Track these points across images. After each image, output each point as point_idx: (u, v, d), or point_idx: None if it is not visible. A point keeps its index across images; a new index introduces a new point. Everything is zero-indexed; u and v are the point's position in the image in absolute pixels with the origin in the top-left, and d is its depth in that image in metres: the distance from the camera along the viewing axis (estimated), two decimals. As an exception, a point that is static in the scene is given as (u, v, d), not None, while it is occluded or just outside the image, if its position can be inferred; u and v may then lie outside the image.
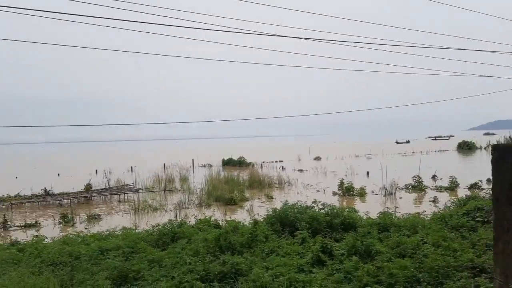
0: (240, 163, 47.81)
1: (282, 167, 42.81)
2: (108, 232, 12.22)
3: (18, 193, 25.11)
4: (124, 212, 20.99)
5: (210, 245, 9.93)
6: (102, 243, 10.38)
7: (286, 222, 12.03)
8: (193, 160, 50.04)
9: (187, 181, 32.18)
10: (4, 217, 17.84)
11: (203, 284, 7.60)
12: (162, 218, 18.00)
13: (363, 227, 11.33)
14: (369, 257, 9.03)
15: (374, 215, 13.57)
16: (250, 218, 12.54)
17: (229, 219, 14.84)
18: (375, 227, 11.53)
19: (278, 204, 17.92)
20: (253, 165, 46.26)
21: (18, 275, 7.55)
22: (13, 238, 12.50)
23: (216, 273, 8.06)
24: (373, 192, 23.76)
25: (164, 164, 46.90)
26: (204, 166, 48.68)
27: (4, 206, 22.35)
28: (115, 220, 18.44)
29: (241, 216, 17.62)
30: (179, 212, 19.59)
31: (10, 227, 17.39)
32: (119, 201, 25.00)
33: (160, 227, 12.00)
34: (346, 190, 23.28)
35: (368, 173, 33.38)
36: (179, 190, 27.70)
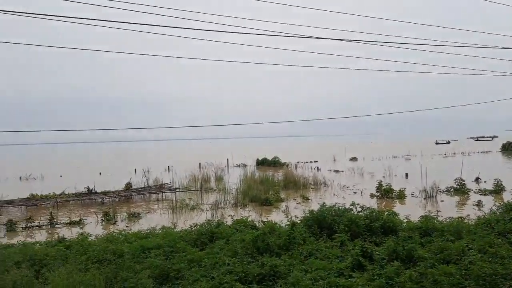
0: (275, 163, 47.77)
1: (317, 167, 42.43)
2: (148, 230, 12.55)
3: (63, 192, 26.23)
4: (162, 211, 21.49)
5: (247, 246, 9.98)
6: (143, 241, 10.67)
7: (323, 224, 11.91)
8: (227, 160, 50.50)
9: (222, 180, 32.51)
10: (51, 214, 18.71)
11: (242, 286, 7.65)
12: (199, 218, 18.29)
13: (403, 231, 11.07)
14: (411, 262, 8.81)
15: (415, 218, 13.22)
16: (287, 219, 12.52)
17: (265, 220, 14.89)
18: (417, 231, 11.23)
19: (314, 206, 17.78)
20: (287, 165, 46.11)
21: (67, 271, 7.88)
22: (60, 235, 13.07)
23: (255, 274, 8.10)
24: (412, 194, 23.11)
25: (199, 163, 47.62)
26: (239, 166, 49.01)
27: (50, 204, 23.41)
28: (154, 219, 18.92)
29: (277, 217, 17.61)
30: (215, 212, 19.82)
31: (56, 224, 18.19)
32: (158, 200, 25.60)
33: (198, 227, 12.18)
34: (385, 192, 22.75)
35: (407, 174, 32.49)
36: (215, 190, 28.03)
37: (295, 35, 12.55)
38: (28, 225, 17.85)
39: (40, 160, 76.87)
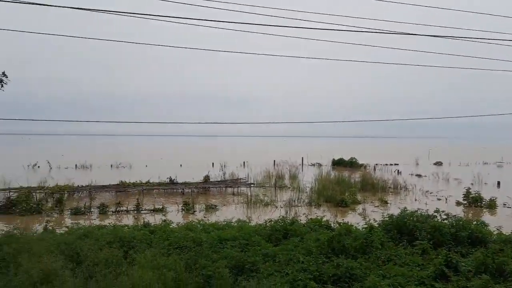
0: (351, 164, 46.50)
1: (398, 170, 40.51)
2: (225, 222, 12.95)
3: (148, 180, 28.05)
4: (237, 205, 22.05)
5: (322, 246, 9.88)
6: (220, 232, 11.05)
7: (403, 230, 11.37)
8: (302, 158, 50.26)
9: (297, 179, 32.43)
10: (138, 201, 20.18)
11: (316, 285, 7.60)
12: (273, 214, 18.48)
13: (494, 243, 10.18)
14: (501, 277, 8.06)
15: (507, 230, 12.08)
16: (364, 222, 12.14)
17: (341, 221, 14.59)
18: (509, 244, 10.24)
19: (393, 210, 17.04)
20: (365, 166, 44.67)
21: (151, 254, 8.45)
22: (146, 220, 14.01)
23: (330, 275, 7.99)
24: (505, 205, 21.11)
25: (274, 161, 48.00)
26: (313, 165, 48.56)
27: (136, 191, 25.21)
28: (230, 212, 19.50)
29: (353, 219, 17.16)
30: (289, 209, 19.86)
31: (142, 210, 19.56)
32: (233, 193, 26.31)
33: (273, 222, 12.31)
34: (473, 201, 21.05)
35: (499, 183, 29.74)
36: (289, 188, 28.07)
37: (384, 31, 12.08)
38: (117, 209, 19.42)
39: (129, 150, 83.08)
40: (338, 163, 48.61)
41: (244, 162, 47.94)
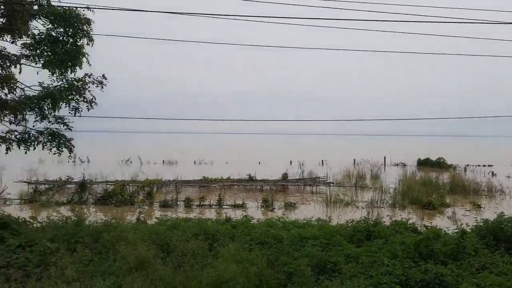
0: (439, 165, 43.58)
1: (492, 172, 37.12)
2: (305, 221, 12.92)
3: (229, 177, 29.00)
4: (316, 203, 21.87)
5: (408, 250, 9.42)
6: (300, 230, 11.04)
7: (500, 236, 10.42)
8: (385, 157, 48.22)
9: (379, 179, 31.22)
10: (219, 196, 20.98)
11: (402, 289, 7.29)
12: (354, 214, 18.02)
13: None
14: None
15: None
16: (455, 226, 11.34)
17: (428, 225, 13.78)
18: None
19: (487, 215, 15.65)
20: (454, 167, 41.61)
21: (235, 248, 8.73)
22: (227, 215, 14.52)
23: (417, 280, 7.60)
24: None
25: (354, 159, 46.74)
26: (397, 164, 46.40)
27: (218, 187, 26.19)
28: (309, 210, 19.41)
29: (442, 222, 16.13)
30: (371, 210, 19.21)
31: (223, 205, 20.29)
32: (312, 192, 26.14)
33: (354, 223, 12.03)
34: None
35: None
36: (370, 188, 27.15)
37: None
38: (201, 203, 20.38)
39: (213, 147, 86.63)
40: (424, 163, 45.89)
41: (322, 161, 47.32)
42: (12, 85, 12.23)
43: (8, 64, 12.37)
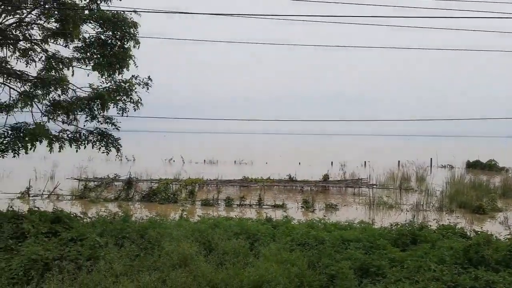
0: (490, 167, 41.45)
1: (549, 176, 34.81)
2: (347, 223, 12.69)
3: (269, 177, 29.03)
4: (358, 205, 21.43)
5: (457, 256, 9.01)
6: (342, 232, 10.84)
7: (558, 244, 9.72)
8: (431, 159, 46.49)
9: (425, 181, 30.13)
10: (259, 196, 21.06)
11: (450, 296, 6.99)
12: (398, 217, 17.52)
13: None
14: None
15: None
16: (508, 232, 10.73)
17: (478, 230, 13.13)
18: None
19: (545, 221, 14.70)
20: (507, 170, 39.42)
21: (276, 248, 8.73)
22: (268, 215, 14.52)
23: (467, 287, 7.26)
24: None
25: (398, 161, 45.40)
26: (444, 167, 44.58)
27: (258, 187, 26.30)
28: (350, 212, 19.05)
29: (493, 228, 15.27)
30: (416, 214, 18.57)
31: (263, 205, 20.35)
32: (354, 194, 25.65)
33: (399, 226, 11.66)
34: None
35: None
36: (416, 190, 26.27)
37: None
38: (241, 202, 20.55)
39: (251, 147, 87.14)
40: (473, 166, 43.81)
41: (365, 162, 46.32)
42: (64, 87, 12.87)
43: (61, 66, 13.08)
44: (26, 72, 12.91)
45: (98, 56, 13.09)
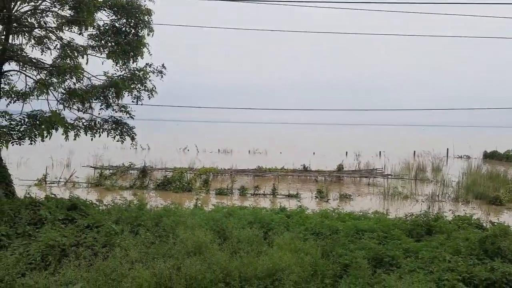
0: (508, 158, 40.68)
1: None
2: (361, 213, 12.61)
3: (283, 166, 29.00)
4: (373, 196, 21.28)
5: (472, 247, 8.87)
6: (356, 222, 10.78)
7: None
8: (447, 149, 45.81)
9: (441, 172, 29.73)
10: (273, 185, 21.07)
11: (466, 287, 6.91)
12: (413, 208, 17.36)
13: None
14: None
15: None
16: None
17: (495, 221, 12.92)
18: None
19: None
20: (526, 161, 38.65)
21: (289, 237, 8.73)
22: (281, 204, 14.52)
23: (482, 278, 7.16)
24: None
25: (414, 151, 44.87)
26: (461, 157, 43.92)
27: (272, 176, 26.31)
28: (365, 203, 18.95)
29: (510, 219, 15.09)
30: (432, 204, 18.37)
31: (277, 194, 20.36)
32: (368, 184, 25.48)
33: (414, 217, 11.53)
34: None
35: None
36: (431, 181, 25.94)
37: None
38: (255, 192, 20.60)
39: (265, 137, 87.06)
40: (490, 156, 43.08)
41: (380, 152, 45.92)
42: (79, 75, 13.00)
43: (76, 54, 13.16)
44: (41, 60, 13.05)
45: (113, 44, 13.15)
